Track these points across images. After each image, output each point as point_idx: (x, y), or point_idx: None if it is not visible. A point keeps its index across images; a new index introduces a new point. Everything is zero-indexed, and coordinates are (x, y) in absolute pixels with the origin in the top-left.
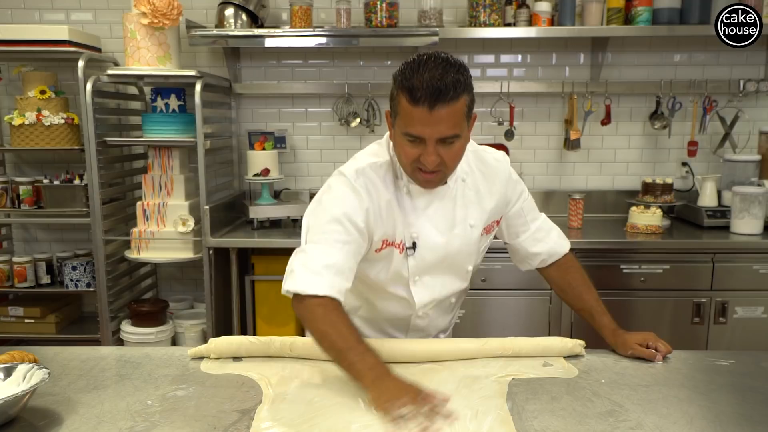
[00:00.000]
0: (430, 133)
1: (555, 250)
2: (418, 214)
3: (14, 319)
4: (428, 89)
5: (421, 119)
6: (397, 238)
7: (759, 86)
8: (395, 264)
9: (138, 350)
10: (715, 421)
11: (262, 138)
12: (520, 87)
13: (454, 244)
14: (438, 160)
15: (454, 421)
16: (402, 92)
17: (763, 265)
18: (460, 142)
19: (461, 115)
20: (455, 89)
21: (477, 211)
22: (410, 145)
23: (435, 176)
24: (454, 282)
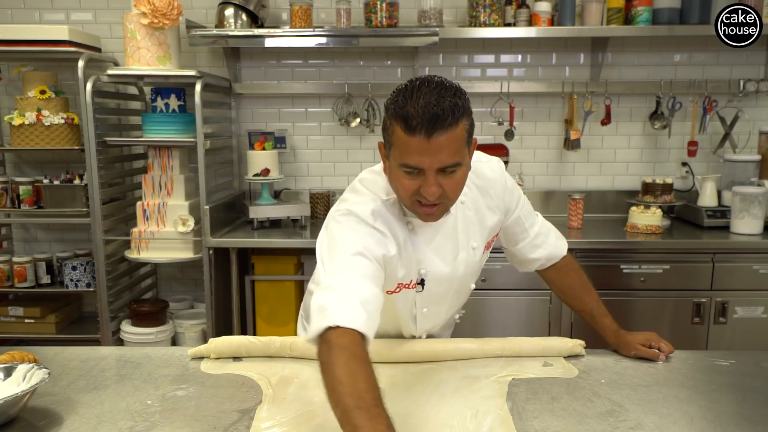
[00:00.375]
0: (429, 163)
1: (553, 253)
2: (424, 249)
3: (14, 319)
4: (424, 116)
5: (418, 149)
6: (410, 278)
7: (759, 86)
8: (404, 301)
9: (138, 350)
10: (715, 421)
11: (262, 138)
12: (520, 87)
13: (459, 270)
14: (439, 191)
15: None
16: (396, 121)
17: (763, 265)
18: (461, 171)
19: (461, 142)
20: (453, 114)
21: (478, 231)
22: (408, 177)
23: (436, 209)
24: (458, 302)
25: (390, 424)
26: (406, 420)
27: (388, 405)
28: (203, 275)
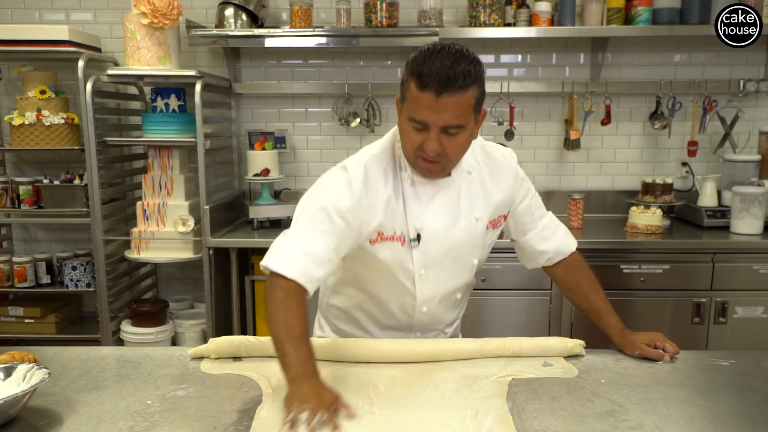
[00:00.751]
0: (434, 120)
1: (562, 248)
2: (423, 206)
3: (14, 319)
4: (437, 76)
5: (426, 105)
6: (396, 230)
7: (759, 86)
8: (399, 257)
9: (138, 350)
10: (715, 421)
11: (262, 138)
12: (520, 87)
13: (458, 236)
14: (440, 149)
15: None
16: (411, 77)
17: (763, 265)
18: (464, 135)
19: (468, 107)
20: (464, 79)
21: (483, 204)
22: (414, 131)
23: (436, 166)
24: (459, 276)
25: (311, 353)
26: (406, 420)
27: (389, 405)
28: (203, 275)
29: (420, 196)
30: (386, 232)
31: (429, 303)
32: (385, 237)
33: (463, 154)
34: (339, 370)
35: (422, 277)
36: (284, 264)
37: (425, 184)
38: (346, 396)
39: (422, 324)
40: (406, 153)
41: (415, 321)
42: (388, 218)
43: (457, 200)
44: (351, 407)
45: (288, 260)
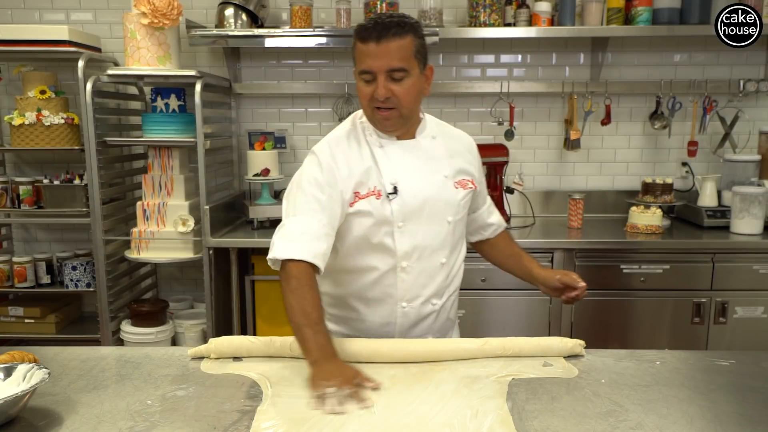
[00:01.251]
0: (378, 65)
1: (502, 222)
2: (394, 163)
3: (14, 319)
4: (375, 27)
5: (370, 53)
6: (370, 186)
7: (759, 86)
8: (378, 210)
9: (138, 350)
10: (715, 421)
11: (262, 138)
12: (520, 87)
13: (431, 189)
14: (388, 93)
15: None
16: (355, 39)
17: (763, 265)
18: (410, 80)
19: (409, 52)
20: (400, 27)
21: (447, 164)
22: (365, 84)
23: (391, 113)
24: (437, 233)
25: (328, 336)
26: (406, 419)
27: (389, 405)
28: (203, 275)
29: (390, 156)
30: (362, 190)
31: (409, 258)
32: (361, 195)
33: (414, 103)
34: None
35: (401, 230)
36: (288, 249)
37: (393, 145)
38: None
39: (406, 286)
40: (364, 110)
41: (399, 283)
42: (363, 177)
43: (425, 159)
44: (375, 380)
45: (290, 245)
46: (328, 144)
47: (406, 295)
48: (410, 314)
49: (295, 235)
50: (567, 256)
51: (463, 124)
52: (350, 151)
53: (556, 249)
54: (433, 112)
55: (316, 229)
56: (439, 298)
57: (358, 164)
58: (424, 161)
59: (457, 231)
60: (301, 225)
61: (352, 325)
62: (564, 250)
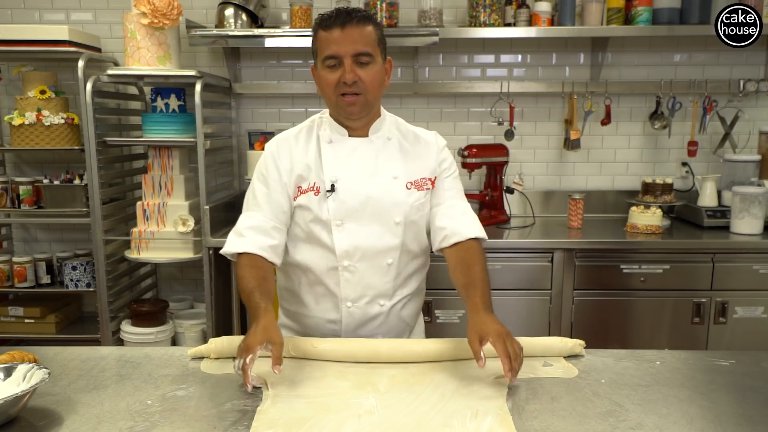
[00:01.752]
0: (345, 50)
1: (460, 229)
2: (340, 160)
3: (14, 319)
4: (338, 15)
5: (335, 39)
6: (311, 182)
7: (759, 86)
8: (316, 207)
9: (138, 350)
10: (715, 421)
11: (262, 138)
12: (520, 87)
13: (374, 190)
14: (356, 77)
15: None
16: (318, 30)
17: (763, 265)
18: (375, 67)
19: (372, 40)
20: (362, 16)
21: (401, 167)
22: (330, 71)
23: (357, 99)
24: (383, 234)
25: (262, 300)
26: (405, 419)
27: (390, 405)
28: (203, 275)
29: (337, 153)
30: (303, 185)
31: (350, 257)
32: (302, 190)
33: (378, 90)
34: (339, 370)
35: (339, 228)
36: (235, 244)
37: (343, 141)
38: (345, 395)
39: (350, 285)
40: (328, 99)
41: (342, 282)
42: (304, 172)
43: (374, 159)
44: (276, 351)
45: (237, 240)
46: (277, 140)
47: (350, 294)
48: (356, 314)
49: (242, 229)
50: (567, 256)
51: (463, 124)
52: (296, 146)
53: (556, 249)
54: (433, 112)
55: (262, 223)
56: (387, 299)
57: (301, 159)
58: (372, 160)
59: (409, 233)
60: (248, 220)
61: (300, 321)
62: (564, 250)
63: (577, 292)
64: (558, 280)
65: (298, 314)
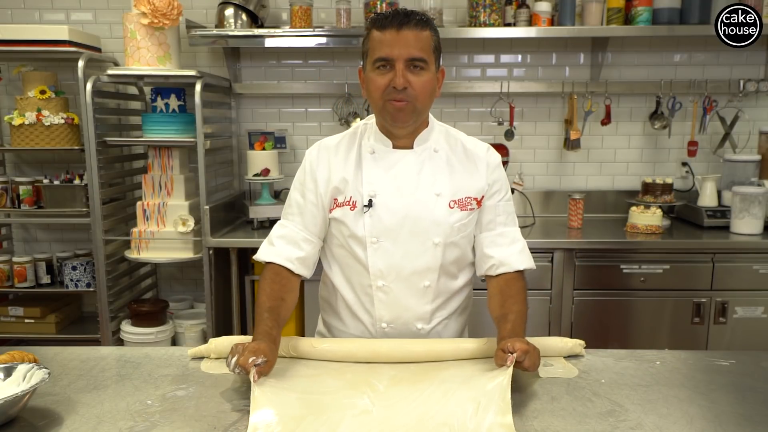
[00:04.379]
0: (398, 53)
1: (509, 260)
2: (380, 173)
3: (14, 319)
4: (396, 16)
5: (389, 41)
6: (348, 196)
7: (759, 86)
8: (351, 222)
9: (138, 350)
10: (715, 421)
11: (262, 138)
12: (520, 87)
13: (415, 208)
14: (406, 83)
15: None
16: (372, 28)
17: (763, 265)
18: (428, 75)
19: (428, 45)
20: (421, 18)
21: (446, 183)
22: (380, 73)
23: (405, 105)
24: (420, 254)
25: (271, 324)
26: (405, 419)
27: (390, 405)
28: (203, 275)
29: (379, 164)
30: (340, 198)
31: (384, 278)
32: (338, 203)
33: (428, 99)
34: (336, 369)
35: (374, 246)
36: (265, 252)
37: (387, 152)
38: (344, 395)
39: (383, 306)
40: (374, 103)
41: (376, 302)
42: (340, 185)
43: (417, 172)
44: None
45: (268, 248)
46: (318, 146)
47: (385, 315)
48: (391, 335)
49: (274, 238)
50: (567, 256)
51: (463, 124)
52: (336, 155)
53: (556, 249)
54: (433, 112)
55: (293, 233)
56: (425, 322)
57: (339, 170)
58: (415, 175)
59: (450, 254)
60: (280, 228)
61: (335, 334)
62: (564, 250)
63: (577, 292)
64: (558, 280)
65: (334, 327)
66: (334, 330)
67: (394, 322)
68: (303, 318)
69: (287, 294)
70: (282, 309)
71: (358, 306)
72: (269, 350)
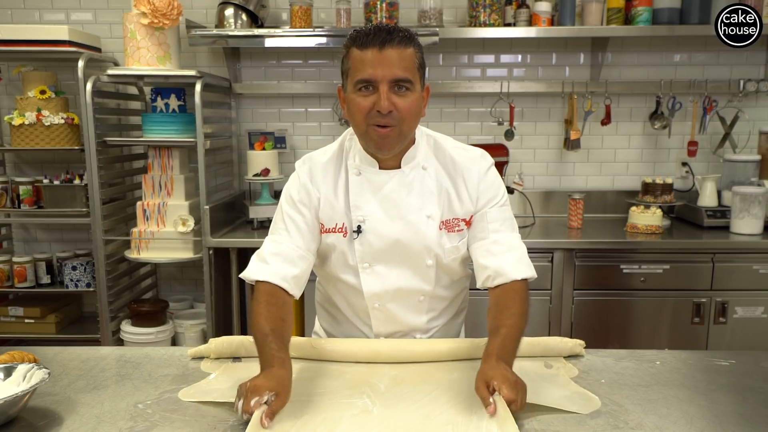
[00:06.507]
0: (382, 74)
1: (504, 269)
2: (367, 197)
3: (14, 319)
4: (377, 34)
5: (372, 61)
6: (337, 222)
7: (759, 86)
8: (340, 249)
9: (138, 350)
10: (715, 421)
11: (262, 138)
12: (520, 87)
13: (405, 232)
14: (392, 106)
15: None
16: (352, 46)
17: (763, 265)
18: (413, 95)
19: (412, 64)
20: (404, 35)
21: (436, 203)
22: (363, 96)
23: (390, 131)
24: (412, 277)
25: (278, 348)
26: (405, 419)
27: (390, 405)
28: (203, 275)
29: (366, 187)
30: (326, 224)
31: (380, 299)
32: (326, 229)
33: (414, 122)
34: (335, 370)
35: (366, 271)
36: (257, 270)
37: (373, 174)
38: (343, 395)
39: (380, 323)
40: (357, 126)
41: (373, 320)
42: (327, 211)
43: (406, 194)
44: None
45: (261, 266)
46: (309, 163)
47: (382, 330)
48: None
49: (267, 256)
50: (567, 256)
51: (463, 124)
52: (326, 175)
53: (556, 249)
54: (433, 113)
55: (289, 251)
56: (423, 332)
57: (329, 193)
58: (404, 197)
59: (443, 271)
60: (274, 245)
61: (334, 334)
62: (564, 250)
63: (577, 292)
64: (558, 280)
65: (332, 333)
66: (332, 335)
67: (393, 335)
68: (303, 318)
69: (287, 315)
70: (284, 330)
71: (356, 319)
72: (277, 380)
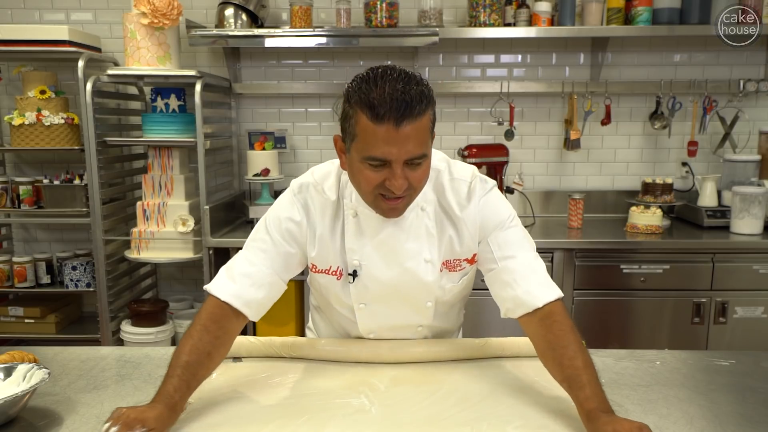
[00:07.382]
0: (397, 155)
1: (523, 300)
2: (364, 241)
3: (14, 319)
4: (393, 103)
5: (386, 139)
6: (331, 265)
7: (759, 86)
8: (335, 289)
9: (138, 350)
10: (715, 421)
11: (262, 138)
12: (520, 87)
13: (403, 278)
14: (406, 184)
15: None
16: (361, 110)
17: (763, 265)
18: (426, 163)
19: (427, 132)
20: (421, 103)
21: (435, 245)
22: (372, 170)
23: (401, 202)
24: (411, 314)
25: (176, 385)
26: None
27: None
28: (203, 275)
29: (363, 230)
30: (319, 265)
31: (375, 332)
32: (318, 270)
33: (426, 181)
34: (338, 370)
35: (362, 310)
36: (221, 288)
37: (370, 217)
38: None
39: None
40: (363, 194)
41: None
42: (321, 252)
43: (405, 239)
44: None
45: (226, 283)
46: (305, 190)
47: None
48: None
49: (237, 275)
50: (567, 256)
51: (463, 124)
52: (325, 216)
53: (556, 249)
54: None
55: (261, 275)
56: None
57: (324, 233)
58: (402, 241)
59: (443, 306)
60: (245, 265)
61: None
62: (564, 250)
63: (577, 292)
64: (558, 280)
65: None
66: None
67: None
68: (303, 318)
69: (220, 347)
70: (201, 369)
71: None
72: (158, 420)
